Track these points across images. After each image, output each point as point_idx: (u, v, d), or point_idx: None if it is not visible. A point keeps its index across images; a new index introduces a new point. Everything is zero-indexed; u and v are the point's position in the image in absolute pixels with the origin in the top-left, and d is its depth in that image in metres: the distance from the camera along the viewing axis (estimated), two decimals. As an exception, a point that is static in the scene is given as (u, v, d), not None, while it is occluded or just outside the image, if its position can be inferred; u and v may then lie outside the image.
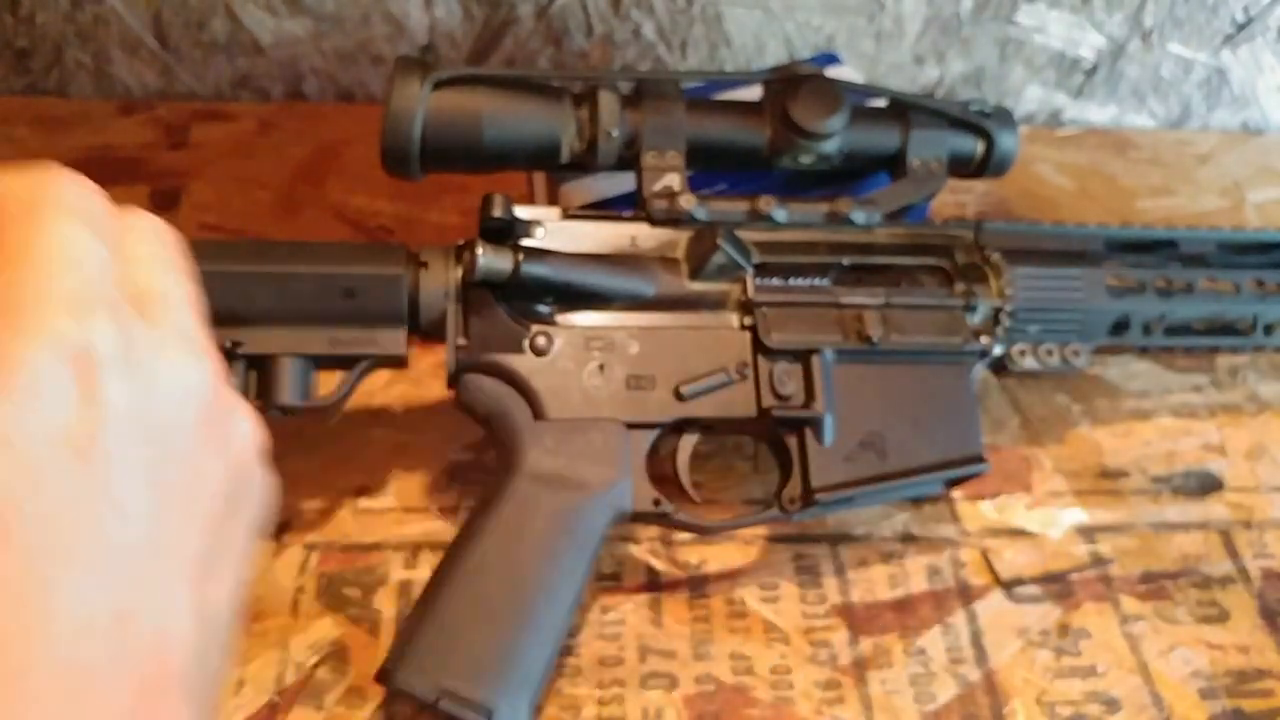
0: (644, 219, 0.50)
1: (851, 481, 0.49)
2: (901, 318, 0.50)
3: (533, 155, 0.49)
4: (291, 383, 0.46)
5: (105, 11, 0.75)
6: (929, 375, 0.50)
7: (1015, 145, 0.54)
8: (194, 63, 0.78)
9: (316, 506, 0.54)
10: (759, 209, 0.50)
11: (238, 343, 0.45)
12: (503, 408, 0.47)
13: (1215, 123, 0.86)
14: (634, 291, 0.48)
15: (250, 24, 0.76)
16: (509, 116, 0.48)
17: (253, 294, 0.45)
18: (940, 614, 0.52)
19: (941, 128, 0.53)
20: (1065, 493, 0.58)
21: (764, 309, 0.49)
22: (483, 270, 0.45)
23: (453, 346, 0.47)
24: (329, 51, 0.78)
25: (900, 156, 0.53)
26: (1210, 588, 0.54)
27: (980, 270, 0.52)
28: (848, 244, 0.51)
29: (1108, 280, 0.54)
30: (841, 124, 0.50)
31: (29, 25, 0.76)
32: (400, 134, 0.46)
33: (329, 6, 0.76)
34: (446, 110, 0.47)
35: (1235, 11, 0.80)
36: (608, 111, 0.49)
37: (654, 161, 0.50)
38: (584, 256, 0.48)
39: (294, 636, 0.49)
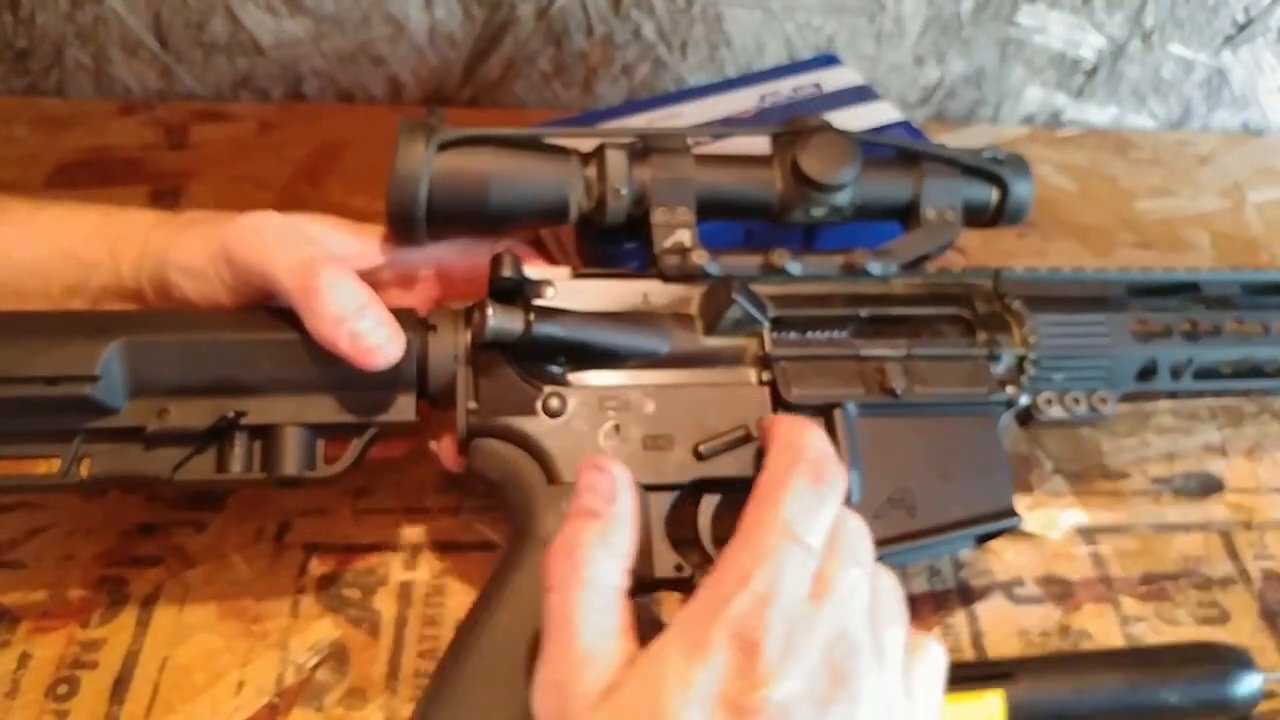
0: (656, 276, 0.49)
1: (881, 540, 0.45)
2: (924, 369, 0.49)
3: (540, 215, 0.49)
4: (295, 453, 0.44)
5: (105, 12, 0.75)
6: (956, 428, 0.49)
7: (1030, 193, 0.53)
8: (194, 63, 0.78)
9: (316, 506, 0.54)
10: (773, 262, 0.50)
11: (240, 413, 0.44)
12: (516, 472, 0.45)
13: (1216, 123, 0.87)
14: (648, 349, 0.47)
15: (250, 24, 0.76)
16: (516, 177, 0.48)
17: (255, 362, 0.44)
18: (940, 614, 0.52)
19: (955, 176, 0.52)
20: (1065, 493, 0.58)
21: (783, 363, 0.48)
22: (493, 331, 0.44)
23: (463, 411, 0.45)
24: (329, 52, 0.78)
25: (914, 206, 0.52)
26: (1211, 589, 0.54)
27: (1002, 319, 0.51)
28: (865, 296, 0.50)
29: (1132, 325, 0.53)
30: (853, 175, 0.50)
31: (29, 25, 0.76)
32: (406, 197, 0.46)
33: (329, 7, 0.76)
34: (452, 172, 0.47)
35: (1236, 12, 0.80)
36: (615, 170, 0.49)
37: (664, 218, 0.49)
38: (596, 315, 0.47)
39: (294, 637, 0.49)
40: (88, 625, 0.49)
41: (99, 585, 0.50)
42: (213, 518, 0.54)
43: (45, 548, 0.52)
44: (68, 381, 0.42)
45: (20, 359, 0.42)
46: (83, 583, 0.50)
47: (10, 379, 0.42)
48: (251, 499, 0.54)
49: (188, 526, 0.53)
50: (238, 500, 0.54)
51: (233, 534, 0.53)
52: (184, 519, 0.53)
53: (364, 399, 0.45)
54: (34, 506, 0.53)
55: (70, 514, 0.53)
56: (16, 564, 0.51)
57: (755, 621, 0.34)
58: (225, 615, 0.49)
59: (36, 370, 0.42)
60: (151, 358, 0.43)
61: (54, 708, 0.46)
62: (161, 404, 0.43)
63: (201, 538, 0.53)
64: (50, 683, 0.46)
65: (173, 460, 0.44)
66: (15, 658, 0.47)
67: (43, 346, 0.42)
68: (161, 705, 0.46)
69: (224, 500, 0.54)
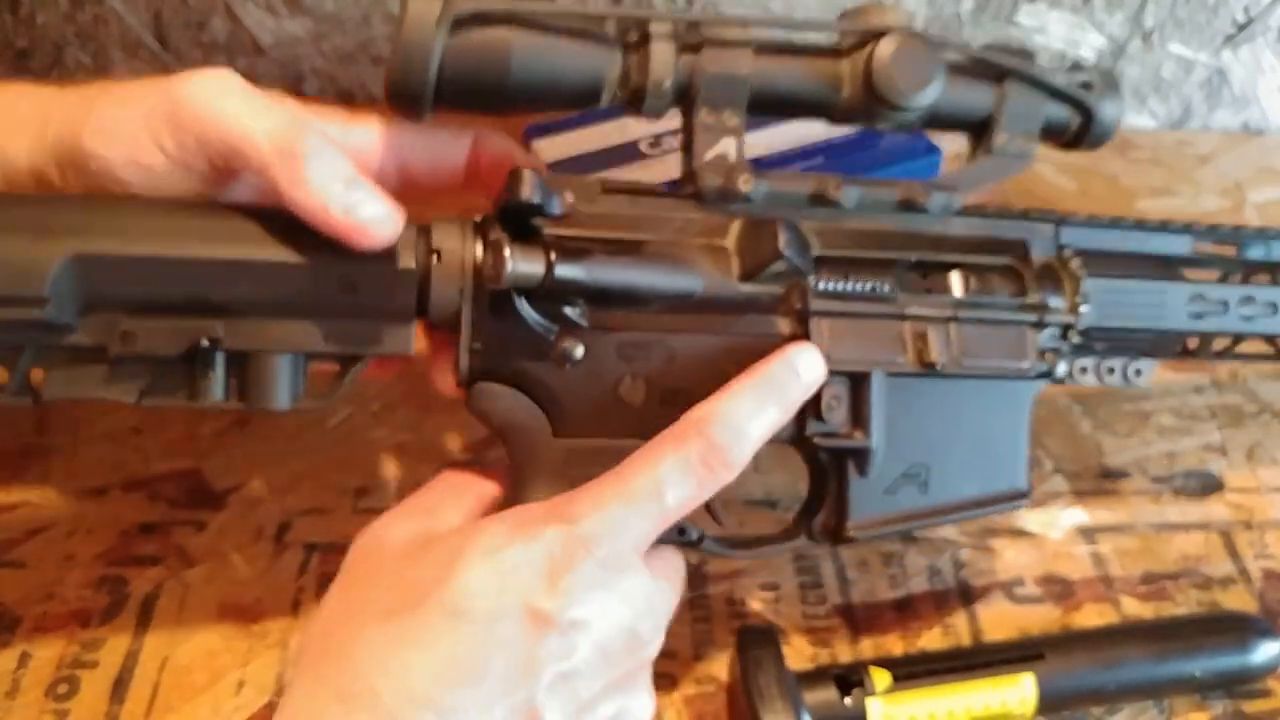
0: (691, 196, 0.43)
1: (889, 519, 0.45)
2: (968, 336, 0.45)
3: (564, 101, 0.42)
4: (282, 383, 0.40)
5: (105, 11, 0.75)
6: (987, 399, 0.46)
7: (1117, 120, 0.47)
8: (194, 63, 0.78)
9: (316, 506, 0.54)
10: (826, 194, 0.44)
11: (216, 339, 0.38)
12: (519, 421, 0.42)
13: (1216, 123, 0.86)
14: (679, 292, 0.42)
15: (250, 24, 0.76)
16: (543, 56, 0.40)
17: (234, 283, 0.38)
18: (940, 614, 0.52)
19: (1040, 99, 0.46)
20: (1065, 493, 0.58)
21: (820, 319, 0.43)
22: (511, 279, 0.38)
23: (466, 351, 0.41)
24: (329, 51, 0.78)
25: (988, 128, 0.46)
26: (1211, 588, 0.54)
27: (1056, 275, 0.47)
28: (919, 237, 0.45)
29: (1189, 299, 0.49)
30: (934, 97, 0.43)
31: (29, 25, 0.76)
32: (413, 67, 0.39)
33: (329, 6, 0.76)
34: (471, 44, 0.39)
35: (1236, 12, 0.80)
36: (661, 62, 0.41)
37: (709, 121, 0.42)
38: (625, 249, 0.42)
39: (294, 636, 0.49)
40: (88, 625, 0.49)
41: (99, 585, 0.50)
42: (213, 517, 0.54)
43: (45, 548, 0.52)
44: (11, 304, 0.36)
45: None
46: (83, 583, 0.50)
47: None
48: (252, 498, 0.54)
49: (188, 526, 0.53)
50: (238, 500, 0.54)
51: (233, 534, 0.53)
52: (184, 519, 0.53)
53: (357, 328, 0.40)
54: (34, 506, 0.53)
55: (70, 514, 0.53)
56: (16, 564, 0.51)
57: (581, 550, 0.37)
58: (225, 615, 0.49)
59: None
60: (110, 272, 0.37)
61: (54, 707, 0.46)
62: (124, 323, 0.38)
63: (201, 538, 0.53)
64: (50, 683, 0.46)
65: (138, 385, 0.39)
66: (15, 658, 0.47)
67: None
68: (161, 705, 0.46)
69: (224, 500, 0.54)
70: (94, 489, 0.54)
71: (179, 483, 0.55)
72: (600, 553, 0.37)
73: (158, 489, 0.55)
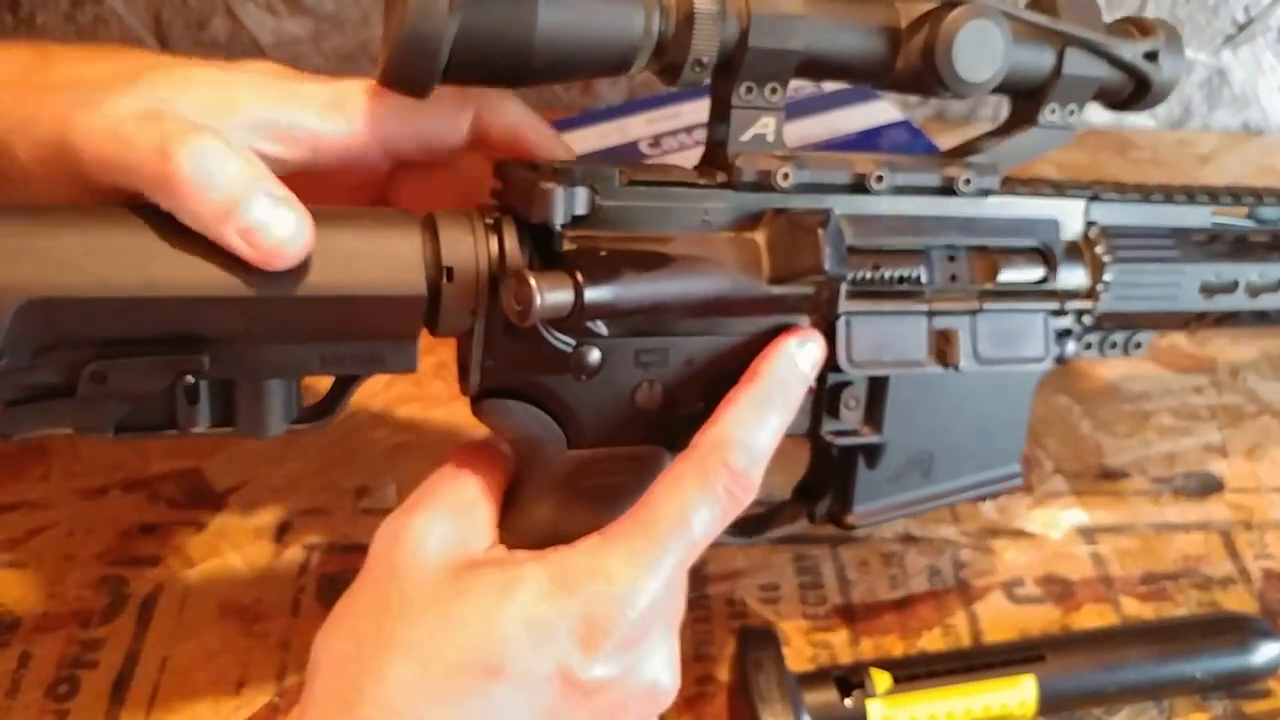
0: (723, 184, 0.39)
1: (891, 506, 0.45)
2: (989, 328, 0.44)
3: (591, 70, 0.38)
4: (275, 408, 0.36)
5: (105, 11, 0.75)
6: (997, 387, 0.45)
7: (1175, 80, 0.44)
8: (194, 63, 0.78)
9: (316, 506, 0.54)
10: (867, 180, 0.41)
11: (200, 372, 0.34)
12: (532, 434, 0.39)
13: (1216, 123, 0.86)
14: (704, 295, 0.39)
15: (250, 24, 0.76)
16: (572, 19, 0.36)
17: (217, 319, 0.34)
18: (941, 614, 0.52)
19: (1099, 70, 0.42)
20: (1065, 493, 0.58)
21: (849, 320, 0.41)
22: (539, 316, 0.34)
23: (477, 369, 0.38)
24: (329, 51, 0.78)
25: (1037, 100, 0.43)
26: (1211, 589, 0.54)
27: (1081, 259, 0.45)
28: (953, 221, 0.43)
29: (1204, 279, 0.49)
30: (998, 79, 0.40)
31: (29, 25, 0.76)
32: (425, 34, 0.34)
33: (329, 6, 0.76)
34: (492, 6, 0.34)
35: (1236, 12, 0.80)
36: (704, 37, 0.37)
37: (749, 97, 0.39)
38: (650, 259, 0.37)
39: (294, 637, 0.49)
40: (88, 625, 0.49)
41: (99, 585, 0.50)
42: (213, 517, 0.54)
43: (45, 548, 0.52)
44: None
45: None
46: (83, 583, 0.50)
47: None
48: (252, 498, 0.54)
49: (188, 526, 0.53)
50: (238, 500, 0.54)
51: (233, 534, 0.53)
52: (184, 519, 0.53)
53: (358, 351, 0.36)
54: (34, 506, 0.53)
55: (70, 514, 0.53)
56: (16, 564, 0.51)
57: (617, 611, 0.35)
58: (225, 615, 0.49)
59: None
60: (72, 315, 0.32)
61: (54, 708, 0.46)
62: (93, 363, 0.33)
63: (201, 538, 0.53)
64: (50, 683, 0.46)
65: (114, 417, 0.34)
66: (15, 657, 0.47)
67: None
68: (161, 705, 0.46)
69: (224, 500, 0.54)
70: (94, 489, 0.54)
71: (179, 483, 0.55)
72: (634, 614, 0.36)
73: (158, 489, 0.55)
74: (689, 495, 0.37)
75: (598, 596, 0.35)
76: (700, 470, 0.37)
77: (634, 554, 0.36)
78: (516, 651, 0.35)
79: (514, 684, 0.35)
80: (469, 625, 0.35)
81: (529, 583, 0.36)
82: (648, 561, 0.36)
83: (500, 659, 0.35)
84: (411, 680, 0.34)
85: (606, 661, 0.36)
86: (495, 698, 0.34)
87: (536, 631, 0.35)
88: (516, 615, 0.35)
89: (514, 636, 0.35)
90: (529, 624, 0.35)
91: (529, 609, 0.35)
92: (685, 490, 0.37)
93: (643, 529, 0.37)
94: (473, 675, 0.34)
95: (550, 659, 0.35)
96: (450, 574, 0.37)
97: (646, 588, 0.36)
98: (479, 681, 0.34)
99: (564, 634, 0.35)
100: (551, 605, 0.35)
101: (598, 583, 0.36)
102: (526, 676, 0.35)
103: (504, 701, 0.35)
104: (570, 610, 0.35)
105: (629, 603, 0.36)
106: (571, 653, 0.35)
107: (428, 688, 0.34)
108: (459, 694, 0.34)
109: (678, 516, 0.37)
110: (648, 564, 0.36)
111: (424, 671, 0.34)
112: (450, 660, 0.34)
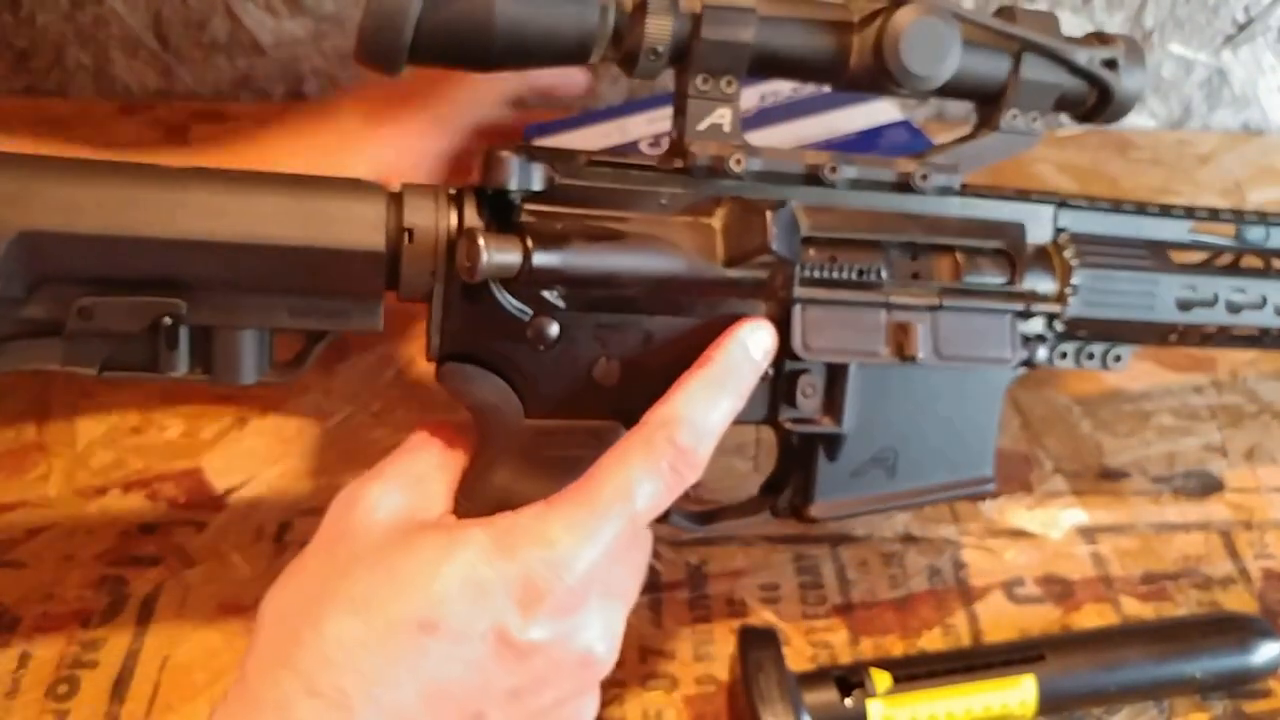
0: (680, 170, 0.41)
1: (855, 502, 0.46)
2: (951, 325, 0.44)
3: (551, 57, 0.39)
4: (248, 358, 0.38)
5: (105, 12, 0.75)
6: (962, 386, 0.46)
7: (1138, 92, 0.45)
8: (194, 63, 0.78)
9: (316, 506, 0.54)
10: (821, 173, 0.42)
11: (179, 316, 0.37)
12: (490, 402, 0.41)
13: (1216, 123, 0.86)
14: (659, 273, 0.40)
15: (250, 24, 0.76)
16: (529, 5, 0.38)
17: (194, 261, 0.36)
18: (940, 614, 0.52)
19: (1057, 76, 0.44)
20: (1065, 493, 0.58)
21: (803, 307, 0.42)
22: (485, 273, 0.37)
23: (437, 331, 0.39)
24: (329, 51, 0.78)
25: (998, 104, 0.44)
26: (1211, 589, 0.54)
27: (1049, 263, 0.46)
28: (912, 218, 0.44)
29: (1179, 293, 0.48)
30: (949, 74, 0.41)
31: (29, 25, 0.76)
32: (388, 15, 0.37)
33: (329, 6, 0.76)
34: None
35: (1236, 12, 0.80)
36: (657, 28, 0.39)
37: (704, 89, 0.40)
38: (605, 235, 0.40)
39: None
40: (88, 625, 0.49)
41: (99, 585, 0.50)
42: (213, 517, 0.54)
43: (45, 548, 0.52)
44: None
45: None
46: (83, 583, 0.50)
47: None
48: (252, 498, 0.54)
49: (188, 526, 0.53)
50: (238, 500, 0.54)
51: (233, 534, 0.53)
52: (184, 519, 0.53)
53: (325, 304, 0.38)
54: (34, 506, 0.53)
55: (70, 514, 0.53)
56: (16, 564, 0.51)
57: (554, 576, 0.37)
58: (225, 615, 0.49)
59: None
60: (61, 250, 0.35)
61: (54, 708, 0.46)
62: (80, 299, 0.36)
63: (201, 538, 0.53)
64: (50, 683, 0.46)
65: (99, 356, 0.37)
66: (15, 658, 0.47)
67: None
68: (161, 705, 0.46)
69: (224, 500, 0.54)
70: (94, 489, 0.54)
71: (179, 483, 0.55)
72: (571, 579, 0.37)
73: (158, 489, 0.55)
74: (633, 468, 0.38)
75: (536, 560, 0.37)
76: (646, 444, 0.39)
77: (575, 521, 0.37)
78: (453, 609, 0.36)
79: (450, 640, 0.36)
80: (409, 582, 0.36)
81: (470, 544, 0.37)
82: (588, 530, 0.37)
83: (437, 615, 0.36)
84: (349, 632, 0.36)
85: (542, 625, 0.37)
86: (430, 653, 0.36)
87: (474, 590, 0.36)
88: (455, 574, 0.36)
89: (451, 594, 0.36)
90: (467, 582, 0.36)
91: (468, 568, 0.36)
92: (630, 463, 0.38)
93: (585, 497, 0.38)
94: (409, 630, 0.36)
95: (486, 617, 0.36)
96: (398, 534, 0.38)
97: (585, 554, 0.37)
98: (415, 636, 0.36)
99: (501, 594, 0.36)
100: (490, 566, 0.37)
101: (537, 547, 0.37)
102: (462, 633, 0.36)
103: (439, 657, 0.36)
104: (509, 572, 0.37)
105: (567, 568, 0.37)
106: (507, 613, 0.36)
107: (364, 640, 0.36)
108: (395, 647, 0.36)
109: (621, 488, 0.38)
110: (588, 532, 0.37)
111: (362, 625, 0.36)
112: (389, 614, 0.36)
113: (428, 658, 0.36)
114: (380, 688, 0.35)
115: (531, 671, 0.37)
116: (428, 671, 0.36)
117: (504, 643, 0.36)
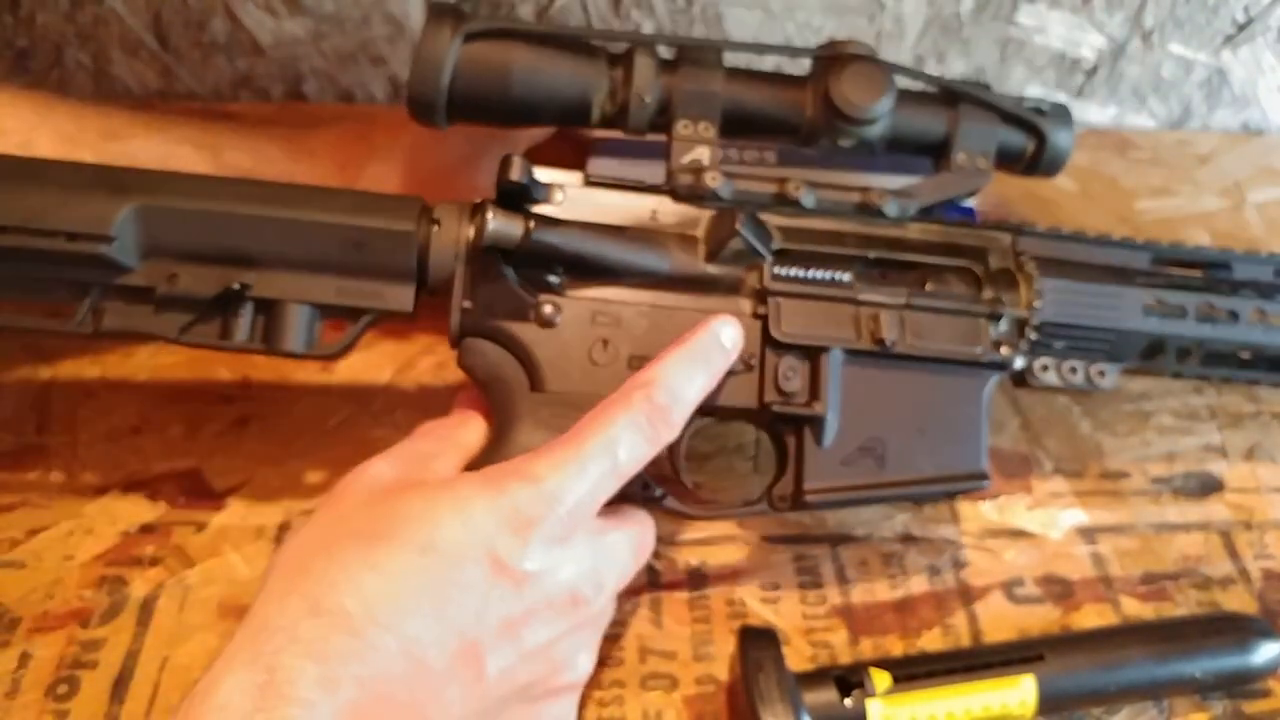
0: (668, 192, 0.49)
1: (845, 487, 0.48)
2: (920, 321, 0.49)
3: (562, 113, 0.49)
4: (297, 330, 0.45)
5: (105, 12, 0.75)
6: (942, 384, 0.49)
7: (1069, 146, 0.51)
8: (194, 63, 0.78)
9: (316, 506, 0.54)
10: (787, 192, 0.49)
11: (246, 285, 0.45)
12: (501, 375, 0.47)
13: (1216, 123, 0.86)
14: (647, 267, 0.47)
15: (250, 24, 0.76)
16: (540, 72, 0.47)
17: (264, 237, 0.45)
18: (940, 614, 0.52)
19: (993, 122, 0.51)
20: (1065, 493, 0.58)
21: (778, 299, 0.48)
22: (491, 236, 0.44)
23: (458, 308, 0.46)
24: (329, 52, 0.78)
25: (945, 147, 0.50)
26: (1211, 589, 0.54)
27: (1012, 277, 0.50)
28: (876, 238, 0.50)
29: (1146, 301, 0.51)
30: (885, 110, 0.48)
31: (29, 25, 0.76)
32: (428, 81, 0.46)
33: (329, 7, 0.76)
34: (476, 60, 0.47)
35: (1236, 12, 0.80)
36: (642, 76, 0.48)
37: (685, 131, 0.48)
38: (599, 227, 0.47)
39: (294, 637, 0.49)
40: (88, 625, 0.49)
41: (99, 585, 0.50)
42: (213, 517, 0.54)
43: (45, 548, 0.52)
44: (85, 239, 0.43)
45: (42, 210, 0.43)
46: (83, 583, 0.50)
47: (33, 230, 0.43)
48: (252, 498, 0.54)
49: (188, 526, 0.53)
50: (238, 500, 0.54)
51: (233, 534, 0.53)
52: (184, 519, 0.53)
53: (365, 286, 0.46)
54: (34, 506, 0.54)
55: (70, 514, 0.53)
56: (16, 564, 0.51)
57: (544, 506, 0.40)
58: (225, 615, 0.50)
59: (57, 224, 0.43)
60: (165, 222, 0.44)
61: (54, 708, 0.46)
62: (172, 268, 0.44)
63: (201, 538, 0.53)
64: (50, 683, 0.47)
65: (179, 323, 0.45)
66: (15, 658, 0.47)
67: (64, 200, 0.43)
68: (161, 705, 0.46)
69: (224, 500, 0.54)
70: (94, 489, 0.54)
71: (179, 483, 0.55)
72: (561, 510, 0.40)
73: (158, 489, 0.55)
74: (613, 418, 0.42)
75: (525, 493, 0.40)
76: (626, 400, 0.43)
77: (559, 460, 0.41)
78: (448, 534, 0.39)
79: (447, 561, 0.38)
80: (406, 515, 0.39)
81: (462, 483, 0.41)
82: (573, 467, 0.41)
83: (433, 538, 0.39)
84: (353, 556, 0.38)
85: (534, 552, 0.40)
86: (430, 572, 0.38)
87: (466, 517, 0.39)
88: (448, 505, 0.40)
89: (445, 520, 0.39)
90: (458, 512, 0.39)
91: (461, 501, 0.40)
92: (610, 414, 0.42)
93: (569, 440, 0.42)
94: (408, 552, 0.38)
95: (480, 541, 0.39)
96: (398, 487, 0.42)
97: (571, 489, 0.40)
98: (414, 558, 0.38)
99: (492, 522, 0.39)
100: (482, 498, 0.40)
101: (525, 482, 0.40)
102: (458, 554, 0.39)
103: (438, 576, 0.38)
104: (500, 503, 0.40)
105: (556, 499, 0.40)
106: (500, 536, 0.39)
107: (367, 562, 0.38)
108: (395, 569, 0.38)
109: (602, 433, 0.42)
110: (573, 469, 0.41)
111: (364, 549, 0.39)
112: (390, 542, 0.39)
113: (427, 576, 0.38)
114: (382, 608, 0.37)
115: (523, 601, 0.39)
116: (428, 592, 0.38)
117: (499, 567, 0.39)
